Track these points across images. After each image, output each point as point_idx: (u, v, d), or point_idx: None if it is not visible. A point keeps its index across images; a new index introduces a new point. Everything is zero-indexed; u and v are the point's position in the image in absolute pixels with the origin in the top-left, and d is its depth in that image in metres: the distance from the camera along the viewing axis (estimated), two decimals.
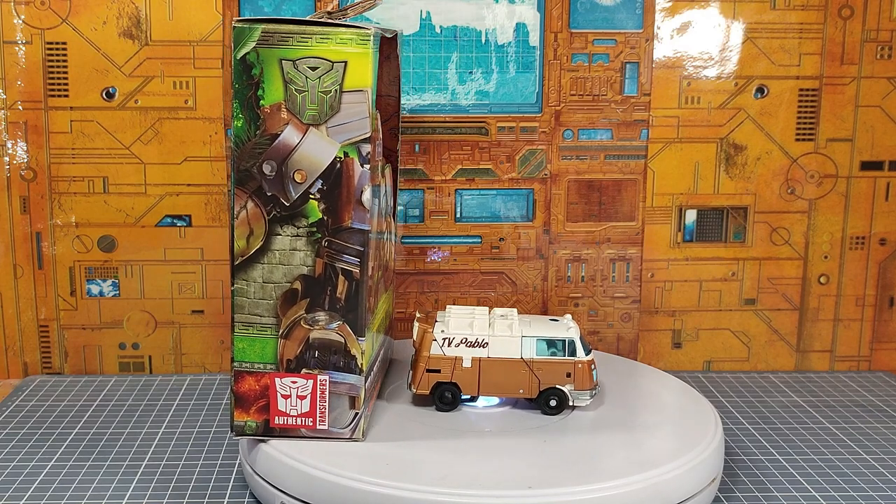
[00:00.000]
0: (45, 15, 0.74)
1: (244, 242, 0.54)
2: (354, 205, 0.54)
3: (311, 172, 0.53)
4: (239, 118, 0.52)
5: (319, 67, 0.52)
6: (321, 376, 0.55)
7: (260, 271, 0.54)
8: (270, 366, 0.55)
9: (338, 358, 0.55)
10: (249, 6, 0.76)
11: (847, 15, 0.78)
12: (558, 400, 0.60)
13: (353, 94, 0.53)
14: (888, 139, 0.80)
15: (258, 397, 0.55)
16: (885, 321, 0.83)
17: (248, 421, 0.56)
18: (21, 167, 0.76)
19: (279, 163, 0.53)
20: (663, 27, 0.78)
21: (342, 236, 0.54)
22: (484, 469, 0.52)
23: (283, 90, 0.52)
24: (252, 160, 0.53)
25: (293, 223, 0.54)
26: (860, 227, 0.81)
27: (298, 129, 0.53)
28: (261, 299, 0.54)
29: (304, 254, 0.54)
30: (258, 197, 0.53)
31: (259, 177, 0.53)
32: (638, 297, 0.81)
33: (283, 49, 0.52)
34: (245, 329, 0.55)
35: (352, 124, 0.53)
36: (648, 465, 0.53)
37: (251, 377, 0.55)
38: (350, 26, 0.52)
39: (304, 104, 0.52)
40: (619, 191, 0.79)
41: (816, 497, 0.58)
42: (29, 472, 0.60)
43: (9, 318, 0.79)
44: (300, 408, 0.55)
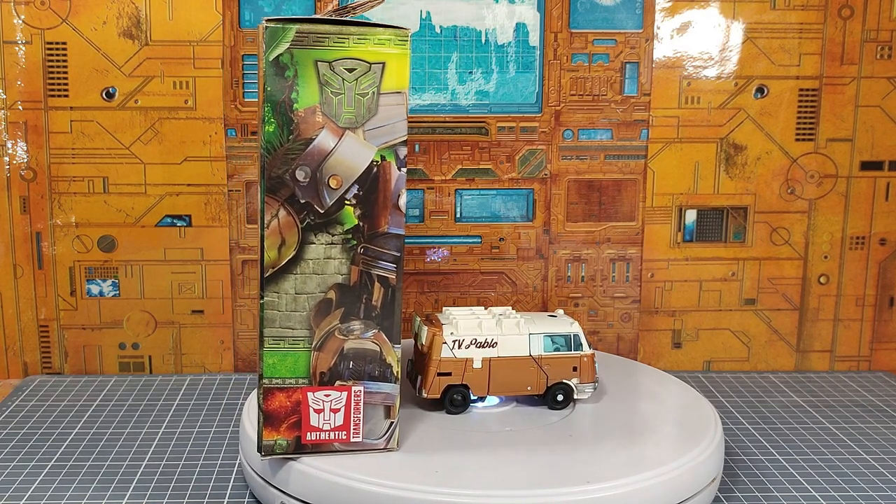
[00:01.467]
0: (45, 15, 0.74)
1: (275, 253, 0.51)
2: (391, 209, 0.52)
3: (346, 177, 0.51)
4: (271, 122, 0.50)
5: (357, 69, 0.50)
6: (356, 387, 0.53)
7: (292, 282, 0.52)
8: (302, 380, 0.53)
9: (373, 367, 0.53)
10: (249, 6, 0.76)
11: (847, 15, 0.78)
12: (564, 394, 0.61)
13: (391, 95, 0.51)
14: (888, 139, 0.80)
15: (289, 414, 0.53)
16: (885, 321, 0.83)
17: (279, 440, 0.53)
18: (21, 167, 0.76)
19: (313, 168, 0.51)
20: (663, 27, 0.78)
21: (378, 242, 0.52)
22: (484, 468, 0.52)
23: (318, 93, 0.50)
24: (285, 166, 0.50)
25: (328, 230, 0.52)
26: (860, 227, 0.81)
27: (334, 132, 0.51)
28: (293, 311, 0.52)
29: (339, 262, 0.52)
30: (291, 205, 0.51)
31: (292, 184, 0.51)
32: (638, 297, 0.81)
33: (318, 50, 0.50)
34: (276, 344, 0.52)
35: (389, 127, 0.51)
36: (648, 465, 0.53)
37: (282, 394, 0.52)
38: (387, 27, 0.50)
39: (340, 107, 0.50)
40: (619, 191, 0.79)
41: (816, 497, 0.58)
42: (29, 472, 0.60)
43: (9, 318, 0.79)
44: (333, 421, 0.53)
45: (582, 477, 0.51)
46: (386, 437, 0.54)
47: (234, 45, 0.76)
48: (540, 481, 0.51)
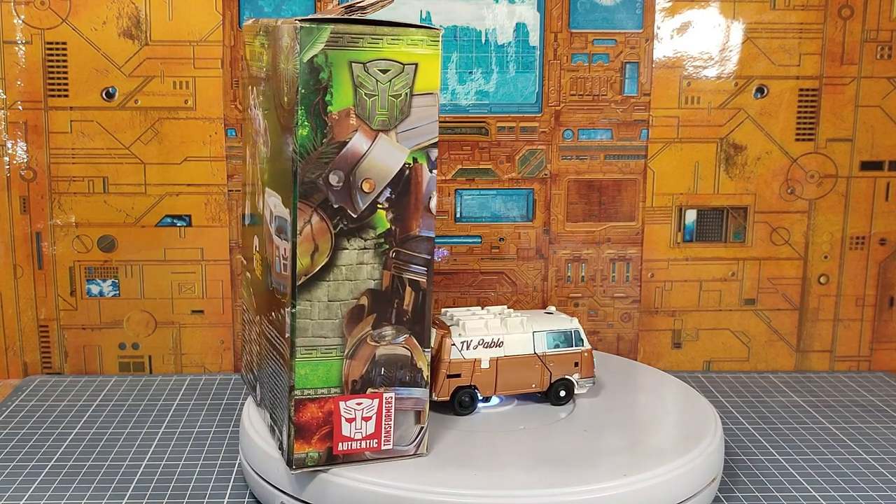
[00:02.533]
0: (45, 15, 0.74)
1: (308, 260, 0.50)
2: (422, 212, 0.51)
3: (379, 181, 0.50)
4: (304, 126, 0.48)
5: (390, 70, 0.49)
6: (387, 394, 0.52)
7: (325, 290, 0.50)
8: (335, 389, 0.51)
9: (404, 373, 0.52)
10: (249, 6, 0.76)
11: (847, 15, 0.78)
12: (566, 390, 0.62)
13: (423, 97, 0.50)
14: (888, 139, 0.80)
15: (321, 425, 0.51)
16: (885, 321, 0.83)
17: (310, 452, 0.51)
18: (21, 167, 0.76)
19: (347, 172, 0.49)
20: (663, 27, 0.78)
21: (409, 245, 0.51)
22: (484, 468, 0.52)
23: (352, 94, 0.49)
24: (318, 171, 0.49)
25: (360, 235, 0.50)
26: (860, 227, 0.81)
27: (367, 135, 0.49)
28: (326, 319, 0.51)
29: (371, 267, 0.51)
30: (324, 210, 0.49)
31: (325, 188, 0.49)
32: (638, 297, 0.81)
33: (353, 51, 0.48)
34: (308, 353, 0.51)
35: (421, 128, 0.50)
36: (648, 465, 0.53)
37: (313, 404, 0.51)
38: (419, 27, 0.49)
39: (373, 109, 0.49)
40: (619, 191, 0.79)
41: (816, 497, 0.58)
42: (29, 472, 0.60)
43: (9, 318, 0.79)
44: (365, 430, 0.52)
45: (581, 476, 0.51)
46: (416, 443, 0.53)
47: (234, 45, 0.76)
48: (540, 481, 0.51)
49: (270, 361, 0.55)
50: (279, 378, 0.53)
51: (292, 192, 0.49)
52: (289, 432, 0.51)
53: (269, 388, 0.56)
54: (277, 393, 0.53)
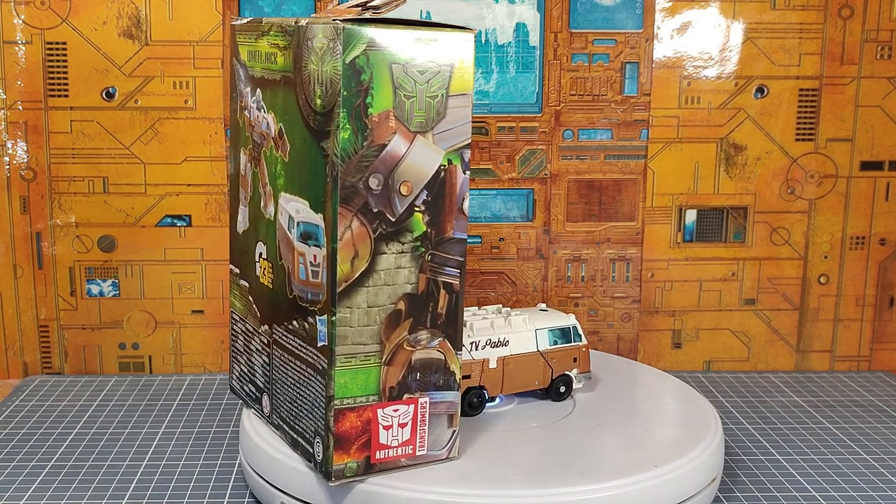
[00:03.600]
0: (45, 15, 0.74)
1: (348, 266, 0.48)
2: (456, 214, 0.51)
3: (416, 183, 0.49)
4: (346, 129, 0.47)
5: (428, 71, 0.49)
6: (422, 399, 0.51)
7: (364, 296, 0.49)
8: (373, 397, 0.50)
9: (438, 376, 0.52)
10: (249, 6, 0.76)
11: (847, 15, 0.78)
12: (566, 385, 0.62)
13: (458, 97, 0.50)
14: (888, 139, 0.80)
15: (360, 434, 0.50)
16: (885, 321, 0.83)
17: (349, 462, 0.50)
18: (21, 167, 0.76)
19: (386, 175, 0.48)
20: (663, 27, 0.78)
21: (444, 248, 0.51)
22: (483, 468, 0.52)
23: (392, 96, 0.48)
24: (358, 174, 0.48)
25: (398, 239, 0.49)
26: (860, 227, 0.81)
27: (406, 137, 0.49)
28: (365, 326, 0.49)
29: (409, 271, 0.50)
30: (363, 215, 0.48)
31: (365, 192, 0.48)
32: (638, 297, 0.81)
33: (396, 52, 0.48)
34: (347, 361, 0.49)
35: (456, 129, 0.50)
36: (648, 465, 0.53)
37: (353, 413, 0.50)
38: (454, 27, 0.49)
39: (412, 110, 0.48)
40: (619, 191, 0.79)
41: (816, 497, 0.58)
42: (29, 472, 0.60)
43: (9, 318, 0.79)
44: (401, 437, 0.51)
45: (581, 476, 0.51)
46: (448, 447, 0.53)
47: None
48: (540, 481, 0.51)
49: (291, 372, 0.53)
50: (306, 389, 0.52)
51: (332, 196, 0.48)
52: (326, 444, 0.50)
53: (289, 399, 0.54)
54: (304, 404, 0.52)
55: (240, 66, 0.57)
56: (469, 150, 0.50)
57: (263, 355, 0.57)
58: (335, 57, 0.47)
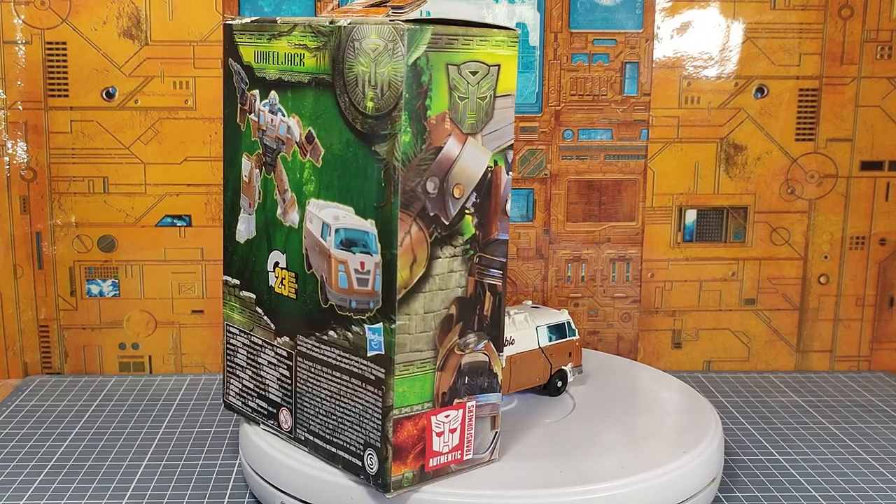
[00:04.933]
0: (45, 15, 0.74)
1: (407, 272, 0.47)
2: (500, 215, 0.50)
3: (467, 186, 0.48)
4: (407, 132, 0.46)
5: (479, 72, 0.48)
6: (469, 403, 0.51)
7: (421, 302, 0.48)
8: (427, 404, 0.49)
9: (483, 379, 0.51)
10: (249, 6, 0.76)
11: (847, 15, 0.78)
12: (562, 380, 0.63)
13: (504, 98, 0.49)
14: (888, 139, 0.80)
15: (415, 443, 0.49)
16: (885, 321, 0.83)
17: (406, 472, 0.49)
18: (21, 167, 0.76)
19: (441, 178, 0.47)
20: (663, 27, 0.78)
21: (489, 249, 0.50)
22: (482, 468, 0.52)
23: (447, 98, 0.47)
24: (417, 178, 0.47)
25: (451, 243, 0.49)
26: (860, 227, 0.81)
27: (459, 139, 0.48)
28: (421, 332, 0.48)
29: (459, 274, 0.49)
30: (421, 219, 0.47)
31: (423, 196, 0.47)
32: (638, 297, 0.81)
33: (449, 52, 0.47)
34: (406, 369, 0.48)
35: (502, 130, 0.49)
36: (648, 465, 0.53)
37: (409, 422, 0.49)
38: (500, 27, 0.48)
39: (464, 112, 0.48)
40: (619, 191, 0.79)
41: (816, 497, 0.58)
42: (29, 472, 0.60)
43: (9, 318, 0.79)
44: (451, 442, 0.51)
45: (581, 476, 0.51)
46: (490, 449, 0.53)
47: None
48: (539, 481, 0.51)
49: (326, 384, 0.52)
50: (350, 400, 0.50)
51: (390, 201, 0.47)
52: (384, 455, 0.49)
53: (324, 412, 0.52)
54: (347, 416, 0.51)
55: (241, 67, 0.55)
56: (512, 150, 0.50)
57: (281, 368, 0.55)
58: (396, 58, 0.46)
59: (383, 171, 0.47)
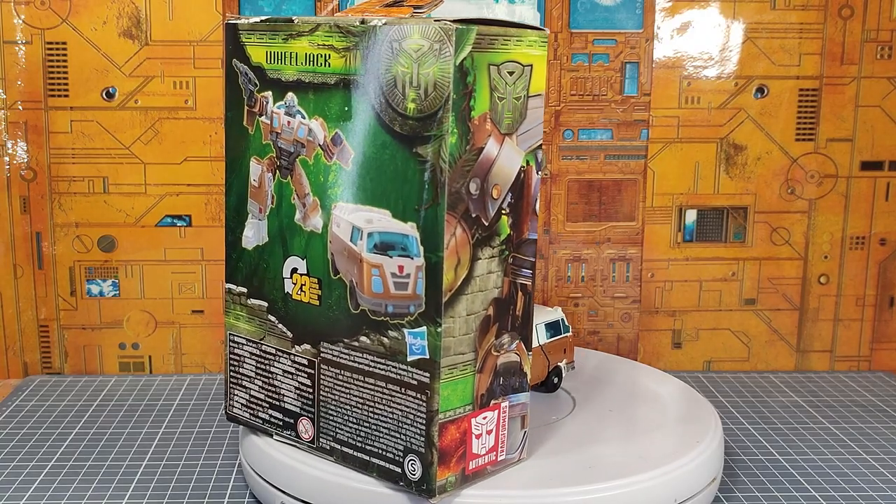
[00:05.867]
0: (45, 15, 0.74)
1: (452, 274, 0.47)
2: (530, 215, 0.50)
3: (504, 186, 0.48)
4: (453, 133, 0.45)
5: (515, 72, 0.48)
6: (503, 403, 0.51)
7: (464, 304, 0.48)
8: (468, 407, 0.49)
9: (515, 379, 0.51)
10: (249, 6, 0.76)
11: (847, 15, 0.78)
12: (558, 376, 0.63)
13: (535, 98, 0.49)
14: (888, 139, 0.80)
15: (458, 446, 0.49)
16: (885, 321, 0.83)
17: (449, 476, 0.49)
18: (21, 167, 0.76)
19: (482, 179, 0.47)
20: (663, 27, 0.78)
21: (522, 250, 0.50)
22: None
23: (488, 98, 0.47)
24: (462, 180, 0.46)
25: (490, 244, 0.48)
26: (860, 227, 0.81)
27: (497, 139, 0.47)
28: (464, 335, 0.48)
29: (496, 275, 0.49)
30: (465, 221, 0.47)
31: (466, 198, 0.47)
32: (638, 297, 0.81)
33: (490, 53, 0.46)
34: (450, 373, 0.48)
35: (533, 130, 0.49)
36: (648, 465, 0.53)
37: (453, 426, 0.48)
38: (532, 27, 0.48)
39: (502, 112, 0.47)
40: (619, 191, 0.79)
41: (816, 497, 0.58)
42: (29, 472, 0.60)
43: (9, 318, 0.79)
44: (488, 444, 0.50)
45: (581, 476, 0.51)
46: (520, 449, 0.53)
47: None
48: (539, 481, 0.51)
49: (357, 391, 0.51)
50: (387, 406, 0.50)
51: (437, 204, 0.46)
52: (429, 460, 0.48)
53: (354, 420, 0.51)
54: (384, 423, 0.50)
55: (248, 68, 0.53)
56: (541, 150, 0.50)
57: (300, 377, 0.53)
58: (442, 59, 0.45)
59: (426, 173, 0.46)
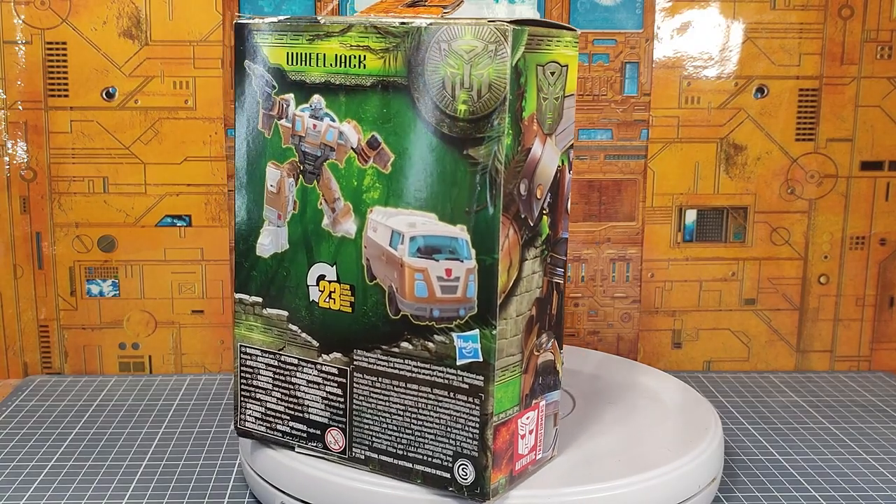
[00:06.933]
0: (45, 15, 0.74)
1: (506, 276, 0.46)
2: (564, 214, 0.50)
3: (545, 186, 0.48)
4: (508, 134, 0.45)
5: (556, 72, 0.47)
6: (541, 402, 0.51)
7: (514, 305, 0.47)
8: (516, 408, 0.49)
9: (550, 377, 0.51)
10: (249, 6, 0.76)
11: (847, 15, 0.78)
12: None
13: (570, 98, 0.49)
14: (888, 139, 0.80)
15: (507, 448, 0.49)
16: (885, 321, 0.83)
17: (501, 479, 0.48)
18: (21, 167, 0.76)
19: (530, 180, 0.47)
20: (663, 27, 0.78)
21: (557, 249, 0.50)
22: None
23: (535, 99, 0.46)
24: (514, 181, 0.46)
25: (534, 244, 0.48)
26: (860, 227, 0.81)
27: (541, 140, 0.47)
28: (514, 336, 0.48)
29: (538, 275, 0.49)
30: (516, 222, 0.47)
31: (517, 199, 0.46)
32: (638, 297, 0.81)
33: (538, 53, 0.46)
34: (502, 375, 0.47)
35: (568, 130, 0.49)
36: (648, 465, 0.53)
37: (504, 428, 0.48)
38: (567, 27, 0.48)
39: (545, 112, 0.47)
40: (619, 191, 0.79)
41: (816, 497, 0.58)
42: (29, 472, 0.60)
43: (9, 318, 0.79)
44: (529, 444, 0.50)
45: (581, 476, 0.51)
46: (553, 446, 0.53)
47: (234, 45, 0.76)
48: (539, 482, 0.51)
49: (398, 398, 0.50)
50: (433, 412, 0.49)
51: (495, 205, 0.46)
52: (483, 464, 0.48)
53: (395, 427, 0.50)
54: (430, 429, 0.49)
55: (264, 70, 0.51)
56: (573, 150, 0.50)
57: (328, 386, 0.52)
58: (498, 59, 0.44)
59: (479, 175, 0.46)
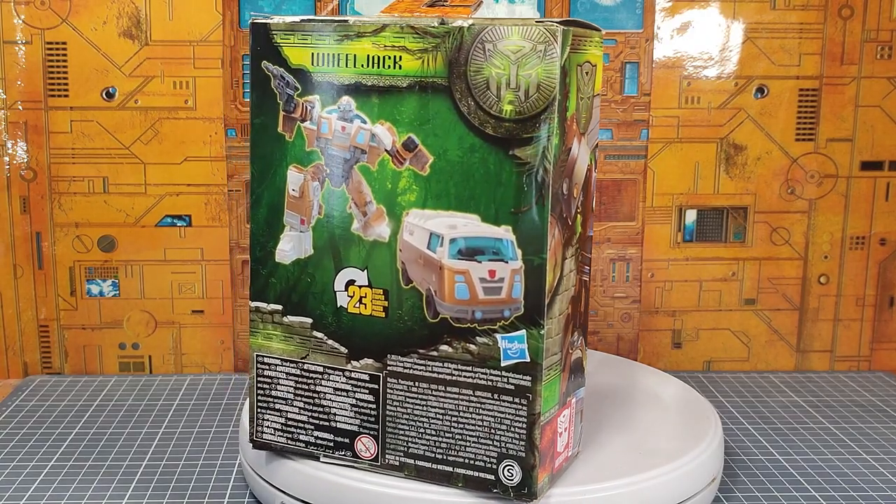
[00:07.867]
0: (45, 15, 0.74)
1: (552, 276, 0.46)
2: (591, 212, 0.50)
3: (580, 185, 0.48)
4: (556, 134, 0.45)
5: (589, 72, 0.48)
6: (573, 399, 0.51)
7: (558, 304, 0.47)
8: (556, 406, 0.49)
9: (580, 375, 0.51)
10: (249, 6, 0.76)
11: (847, 15, 0.78)
12: None
13: (597, 97, 0.49)
14: (888, 139, 0.80)
15: (549, 447, 0.48)
16: (885, 321, 0.83)
17: (545, 477, 0.48)
18: (21, 167, 0.76)
19: (570, 179, 0.47)
20: (663, 27, 0.78)
21: (585, 247, 0.50)
22: None
23: (575, 99, 0.46)
24: (559, 181, 0.46)
25: (571, 243, 0.48)
26: (860, 227, 0.81)
27: (578, 139, 0.47)
28: (557, 335, 0.48)
29: (573, 274, 0.48)
30: (560, 221, 0.47)
31: (561, 198, 0.46)
32: (638, 297, 0.81)
33: (578, 54, 0.46)
34: (548, 374, 0.47)
35: (595, 129, 0.49)
36: (648, 465, 0.53)
37: (549, 427, 0.48)
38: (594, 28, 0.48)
39: (581, 112, 0.47)
40: (619, 191, 0.79)
41: (816, 497, 0.58)
42: (29, 472, 0.60)
43: (9, 318, 0.79)
44: (564, 441, 0.50)
45: (581, 476, 0.51)
46: (579, 442, 0.53)
47: (234, 45, 0.76)
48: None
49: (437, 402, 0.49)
50: (475, 414, 0.48)
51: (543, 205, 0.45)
52: (530, 464, 0.47)
53: (434, 432, 0.50)
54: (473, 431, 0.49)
55: (285, 71, 0.50)
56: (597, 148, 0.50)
57: (359, 393, 0.51)
58: (547, 60, 0.44)
59: (525, 175, 0.45)
